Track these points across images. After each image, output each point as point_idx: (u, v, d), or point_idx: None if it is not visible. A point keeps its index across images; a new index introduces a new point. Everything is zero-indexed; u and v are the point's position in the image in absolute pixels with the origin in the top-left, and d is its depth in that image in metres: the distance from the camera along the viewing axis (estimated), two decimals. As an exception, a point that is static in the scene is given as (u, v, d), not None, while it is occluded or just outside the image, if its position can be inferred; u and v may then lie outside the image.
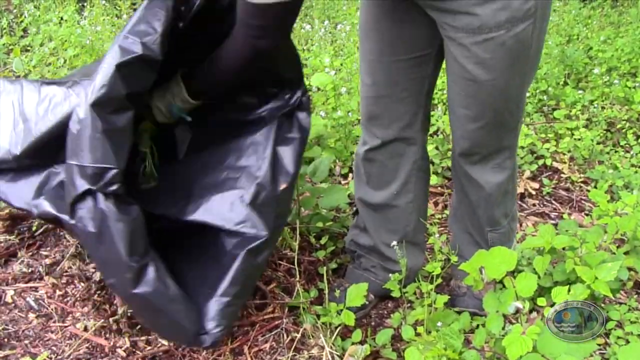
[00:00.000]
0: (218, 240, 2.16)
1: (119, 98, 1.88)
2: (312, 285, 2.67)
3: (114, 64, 1.88)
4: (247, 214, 2.14)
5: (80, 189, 1.85)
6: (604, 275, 2.42)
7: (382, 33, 2.27)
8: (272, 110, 2.31)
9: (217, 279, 2.07)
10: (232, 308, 2.07)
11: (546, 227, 2.65)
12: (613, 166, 3.82)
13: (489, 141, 2.34)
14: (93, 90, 1.87)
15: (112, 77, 1.87)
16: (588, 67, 5.01)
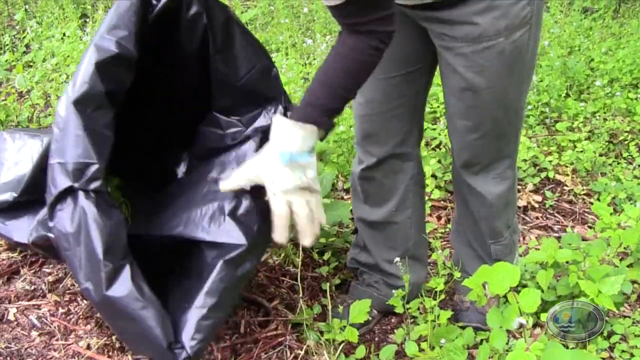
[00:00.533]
0: (199, 254, 2.13)
1: (99, 96, 1.91)
2: (315, 301, 2.67)
3: (92, 62, 1.91)
4: (226, 224, 2.10)
5: (61, 186, 1.85)
6: (608, 289, 2.42)
7: None
8: (256, 128, 2.30)
9: (196, 292, 2.01)
10: (209, 321, 1.97)
11: (549, 240, 2.65)
12: (616, 178, 3.81)
13: (489, 151, 2.34)
14: (74, 88, 1.90)
15: (92, 75, 1.90)
16: (590, 79, 5.01)
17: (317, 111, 1.88)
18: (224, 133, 2.35)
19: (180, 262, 2.21)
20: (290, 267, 2.73)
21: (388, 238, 2.57)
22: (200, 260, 2.12)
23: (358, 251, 2.68)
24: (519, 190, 3.65)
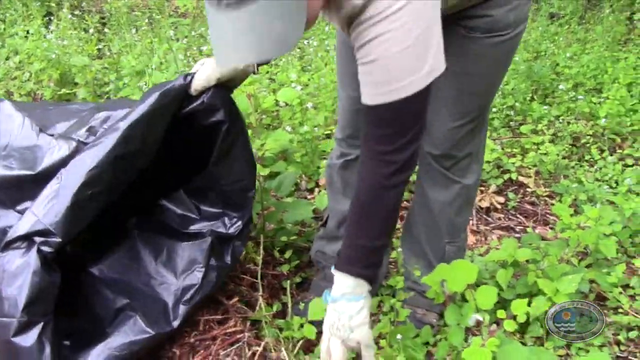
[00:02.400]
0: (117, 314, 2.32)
1: (105, 183, 2.08)
2: (275, 299, 2.66)
3: (114, 153, 2.06)
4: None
5: (27, 230, 2.01)
6: (565, 288, 2.44)
7: None
8: (211, 229, 2.48)
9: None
10: None
11: (509, 240, 2.67)
12: (578, 180, 3.85)
13: (466, 142, 2.36)
14: (84, 167, 2.04)
15: (107, 164, 2.06)
16: (555, 83, 5.06)
17: (356, 267, 1.92)
18: (179, 213, 2.55)
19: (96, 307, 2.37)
20: (250, 265, 2.72)
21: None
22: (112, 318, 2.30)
23: (324, 243, 2.68)
24: (482, 191, 3.67)
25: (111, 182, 2.09)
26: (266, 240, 2.80)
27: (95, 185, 2.04)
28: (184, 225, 2.54)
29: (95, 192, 2.05)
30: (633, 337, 2.71)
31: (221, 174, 2.43)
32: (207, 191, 2.52)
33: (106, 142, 2.06)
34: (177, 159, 2.49)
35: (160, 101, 2.15)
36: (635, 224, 3.29)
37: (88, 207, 2.07)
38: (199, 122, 2.27)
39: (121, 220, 2.62)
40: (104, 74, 4.76)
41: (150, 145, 2.18)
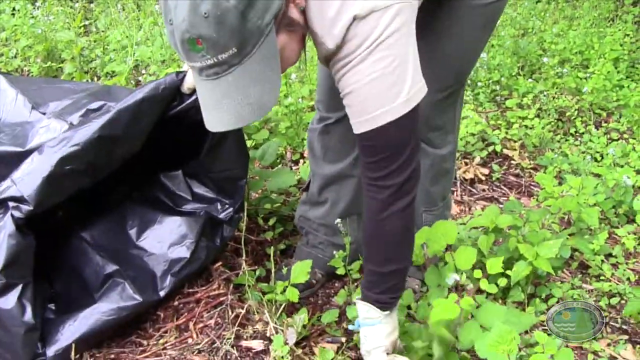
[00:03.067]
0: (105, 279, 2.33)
1: (83, 162, 2.08)
2: (259, 265, 2.68)
3: (97, 131, 2.07)
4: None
5: (5, 195, 2.03)
6: (546, 253, 2.47)
7: None
8: (203, 210, 2.52)
9: (77, 310, 2.22)
10: (77, 338, 2.17)
11: (491, 207, 2.69)
12: (563, 154, 3.87)
13: (441, 114, 2.37)
14: (66, 141, 2.06)
15: (90, 141, 2.06)
16: (541, 59, 5.07)
17: (372, 293, 2.01)
18: (173, 191, 2.58)
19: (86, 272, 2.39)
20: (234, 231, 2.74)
21: (344, 191, 2.59)
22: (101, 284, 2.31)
23: (307, 208, 2.69)
24: (466, 163, 3.69)
25: (92, 163, 2.10)
26: (250, 208, 2.81)
27: (73, 162, 2.05)
28: (177, 204, 2.56)
29: (73, 169, 2.05)
30: (614, 303, 2.74)
31: (213, 164, 2.47)
32: (201, 177, 2.55)
33: (92, 124, 2.08)
34: (170, 147, 2.51)
35: (150, 93, 2.16)
36: (619, 194, 3.31)
37: (65, 183, 2.08)
38: (191, 119, 2.27)
39: (115, 189, 2.63)
40: (90, 50, 4.75)
41: (134, 134, 2.17)
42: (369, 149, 1.82)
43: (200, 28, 1.48)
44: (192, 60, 1.56)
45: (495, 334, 1.69)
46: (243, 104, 1.60)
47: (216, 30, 1.48)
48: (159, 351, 2.26)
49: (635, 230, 3.17)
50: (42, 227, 2.36)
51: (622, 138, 4.07)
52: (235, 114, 1.62)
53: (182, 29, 1.50)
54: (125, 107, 2.12)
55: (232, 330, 2.28)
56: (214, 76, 1.57)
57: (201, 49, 1.51)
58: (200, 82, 1.62)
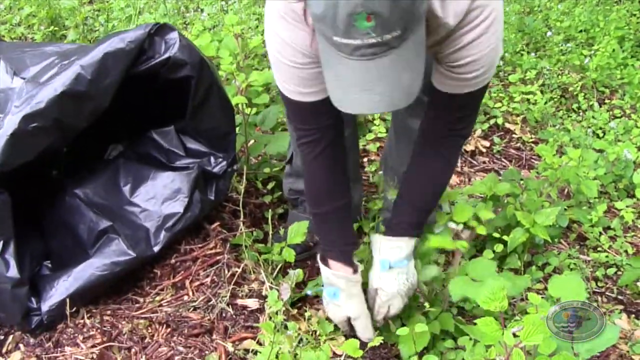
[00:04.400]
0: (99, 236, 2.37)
1: (49, 119, 2.07)
2: (257, 228, 2.69)
3: (59, 88, 2.07)
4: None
5: None
6: (543, 220, 2.47)
7: None
8: (196, 164, 2.54)
9: (73, 264, 2.25)
10: (71, 293, 2.20)
11: (490, 175, 2.69)
12: (565, 129, 3.86)
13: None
14: (29, 100, 2.06)
15: (54, 99, 2.06)
16: (546, 37, 5.04)
17: (403, 228, 2.15)
18: (165, 147, 2.59)
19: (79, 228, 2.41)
20: (233, 193, 2.74)
21: None
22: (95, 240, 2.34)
23: (293, 180, 2.68)
24: (468, 135, 3.69)
25: (58, 120, 2.09)
26: (250, 173, 2.82)
27: (38, 120, 2.04)
28: (170, 160, 2.56)
29: (38, 127, 2.05)
30: (611, 274, 2.74)
31: (200, 123, 2.49)
32: (192, 132, 2.56)
33: (54, 81, 2.08)
34: (155, 105, 2.54)
35: (115, 48, 2.15)
36: (619, 168, 3.31)
37: (31, 141, 2.07)
38: (166, 77, 2.28)
39: (108, 147, 2.65)
40: (94, 19, 4.74)
41: (100, 90, 2.15)
42: (466, 106, 1.99)
43: (375, 3, 1.39)
44: (351, 37, 1.46)
45: (487, 290, 1.69)
46: (396, 87, 1.56)
47: (390, 9, 1.41)
48: (155, 308, 2.28)
49: (634, 204, 3.17)
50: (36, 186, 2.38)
51: (625, 115, 4.06)
52: (387, 98, 1.57)
53: (355, 2, 1.40)
54: (89, 63, 2.11)
55: (227, 289, 2.30)
56: (370, 56, 1.49)
57: (368, 26, 1.43)
58: (348, 62, 1.52)
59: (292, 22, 1.78)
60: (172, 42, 2.25)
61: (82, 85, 2.09)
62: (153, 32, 2.22)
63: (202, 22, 4.20)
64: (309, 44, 1.79)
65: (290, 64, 1.84)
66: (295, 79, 1.87)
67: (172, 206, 2.40)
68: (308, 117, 2.00)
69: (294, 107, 1.96)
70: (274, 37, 1.85)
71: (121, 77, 2.18)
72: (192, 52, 2.28)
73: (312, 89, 1.89)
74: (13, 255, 2.10)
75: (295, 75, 1.86)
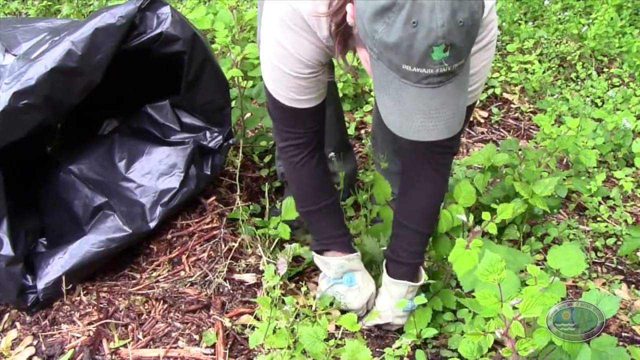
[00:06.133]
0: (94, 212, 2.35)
1: (39, 97, 2.05)
2: (253, 202, 2.67)
3: (50, 65, 2.05)
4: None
5: None
6: (542, 191, 2.44)
7: None
8: (191, 139, 2.52)
9: (68, 241, 2.25)
10: (67, 270, 2.19)
11: (488, 146, 2.66)
12: (563, 98, 3.83)
13: None
14: (19, 77, 2.04)
15: (44, 76, 2.04)
16: (544, 6, 5.00)
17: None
18: (160, 122, 2.56)
19: (75, 204, 2.38)
20: (230, 167, 2.72)
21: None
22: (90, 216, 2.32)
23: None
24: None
25: (49, 97, 2.06)
26: (246, 146, 2.80)
27: (28, 97, 2.02)
28: (165, 135, 2.54)
29: (29, 104, 2.02)
30: (610, 244, 2.73)
31: (194, 98, 2.46)
32: (187, 107, 2.54)
33: (44, 57, 2.06)
34: (149, 80, 2.51)
35: (106, 23, 2.12)
36: (618, 137, 3.29)
37: (22, 118, 2.05)
38: (158, 52, 2.25)
39: (103, 122, 2.62)
40: (89, -8, 4.69)
41: (91, 66, 2.12)
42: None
43: (455, 36, 1.38)
44: (425, 66, 1.43)
45: (485, 262, 1.67)
46: (456, 113, 1.54)
47: (464, 40, 1.41)
48: (151, 284, 2.26)
49: (633, 173, 3.16)
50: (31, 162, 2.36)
51: (624, 84, 4.03)
52: (447, 123, 1.54)
53: (438, 35, 1.37)
54: (79, 39, 2.08)
55: (224, 264, 2.28)
56: (437, 85, 1.46)
57: (443, 57, 1.41)
58: (412, 89, 1.49)
59: (299, 32, 1.72)
60: (164, 17, 2.21)
61: (73, 61, 2.06)
62: (144, 6, 2.19)
63: (197, -5, 4.15)
64: (314, 56, 1.76)
65: (292, 74, 1.79)
66: (293, 87, 1.83)
67: (167, 181, 2.38)
68: (297, 122, 1.96)
69: (285, 112, 1.92)
70: (273, 45, 1.78)
71: (112, 53, 2.14)
72: (185, 27, 2.25)
73: (308, 96, 1.86)
74: (7, 232, 2.09)
75: (293, 84, 1.82)
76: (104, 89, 2.24)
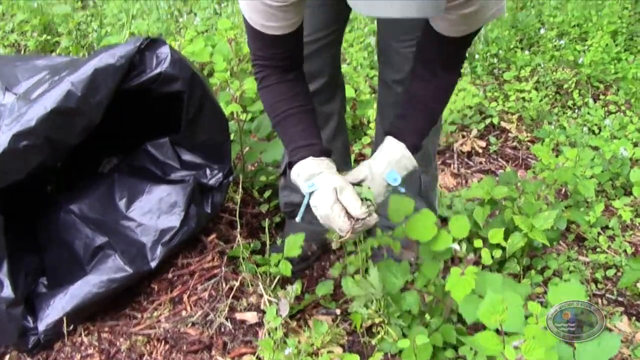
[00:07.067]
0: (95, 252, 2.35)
1: (38, 137, 2.06)
2: (254, 238, 2.67)
3: (50, 106, 2.05)
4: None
5: None
6: (541, 224, 2.45)
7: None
8: (191, 177, 2.52)
9: (69, 282, 2.24)
10: (68, 311, 2.19)
11: (487, 178, 2.67)
12: (560, 126, 3.85)
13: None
14: (19, 118, 2.04)
15: (44, 117, 2.05)
16: (540, 32, 5.04)
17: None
18: (160, 160, 2.57)
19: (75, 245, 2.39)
20: (229, 204, 2.72)
21: None
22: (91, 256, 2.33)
23: (289, 192, 2.64)
24: (463, 136, 3.68)
25: (49, 138, 2.07)
26: (246, 181, 2.80)
27: (29, 138, 2.02)
28: (166, 173, 2.55)
29: (29, 145, 2.03)
30: (610, 275, 2.73)
31: (194, 137, 2.47)
32: (187, 145, 2.55)
33: (44, 98, 2.06)
34: (149, 118, 2.53)
35: (105, 63, 2.13)
36: (615, 166, 3.30)
37: (23, 159, 2.06)
38: (157, 91, 2.26)
39: (102, 160, 2.63)
40: (87, 24, 4.72)
41: (91, 107, 2.13)
42: (462, 42, 1.96)
43: None
44: None
45: (487, 303, 1.68)
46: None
47: None
48: (152, 324, 2.26)
49: (632, 203, 3.16)
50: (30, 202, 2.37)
51: (620, 111, 4.05)
52: (418, 3, 1.51)
53: None
54: (79, 80, 2.09)
55: (226, 303, 2.28)
56: None
57: None
58: None
59: None
60: (164, 57, 2.22)
61: (73, 102, 2.07)
62: (143, 46, 2.20)
63: (195, 27, 4.18)
64: None
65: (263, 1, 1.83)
66: (262, 13, 1.85)
67: (168, 220, 2.38)
68: (265, 47, 1.97)
69: (255, 34, 1.94)
70: None
71: (112, 93, 2.16)
72: (184, 66, 2.26)
73: (276, 24, 1.88)
74: (7, 274, 2.09)
75: (263, 10, 1.84)
76: (103, 127, 2.24)
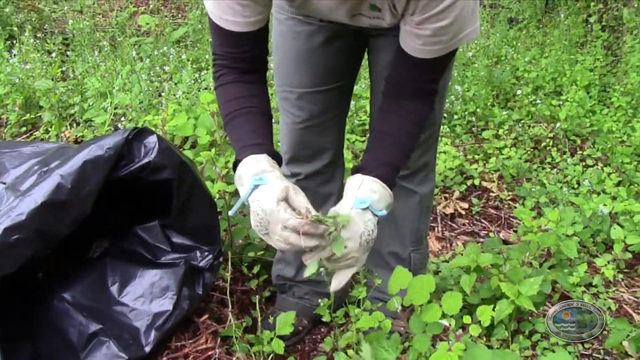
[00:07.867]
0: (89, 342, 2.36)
1: (29, 231, 2.06)
2: (245, 314, 2.70)
3: (40, 200, 2.07)
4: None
5: None
6: (527, 290, 2.50)
7: (317, 64, 2.31)
8: (182, 260, 2.54)
9: None
10: None
11: (472, 246, 2.72)
12: (540, 183, 3.93)
13: (421, 153, 2.43)
14: (9, 212, 2.05)
15: (34, 212, 2.06)
16: (515, 87, 5.15)
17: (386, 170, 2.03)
18: (151, 243, 2.59)
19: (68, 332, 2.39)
20: (219, 281, 2.75)
21: None
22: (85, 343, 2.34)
23: (282, 266, 2.71)
24: (446, 198, 3.73)
25: (40, 230, 2.08)
26: (234, 257, 2.83)
27: (20, 232, 2.03)
28: (156, 256, 2.57)
29: (20, 238, 2.04)
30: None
31: (184, 222, 2.51)
32: (177, 228, 2.58)
33: (35, 191, 2.09)
34: (138, 204, 2.57)
35: (94, 155, 2.17)
36: (596, 223, 3.37)
37: (14, 252, 2.06)
38: (146, 179, 2.30)
39: (93, 245, 2.65)
40: (68, 96, 4.77)
41: (81, 198, 2.15)
42: (434, 68, 1.97)
43: None
44: None
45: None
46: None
47: None
48: (149, 409, 2.27)
49: (613, 258, 3.22)
50: (22, 289, 2.38)
51: (597, 164, 4.13)
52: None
53: None
54: (69, 172, 2.12)
55: (221, 385, 2.30)
56: None
57: None
58: None
59: None
60: (151, 146, 2.26)
61: (63, 194, 2.10)
62: (131, 137, 2.24)
63: (178, 100, 4.23)
64: None
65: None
66: (221, 6, 1.89)
67: (161, 304, 2.41)
68: (223, 44, 2.00)
69: (214, 29, 1.97)
70: None
71: (101, 183, 2.19)
72: (172, 155, 2.30)
73: (233, 18, 1.91)
74: None
75: (222, 2, 1.88)
76: (94, 215, 2.27)
